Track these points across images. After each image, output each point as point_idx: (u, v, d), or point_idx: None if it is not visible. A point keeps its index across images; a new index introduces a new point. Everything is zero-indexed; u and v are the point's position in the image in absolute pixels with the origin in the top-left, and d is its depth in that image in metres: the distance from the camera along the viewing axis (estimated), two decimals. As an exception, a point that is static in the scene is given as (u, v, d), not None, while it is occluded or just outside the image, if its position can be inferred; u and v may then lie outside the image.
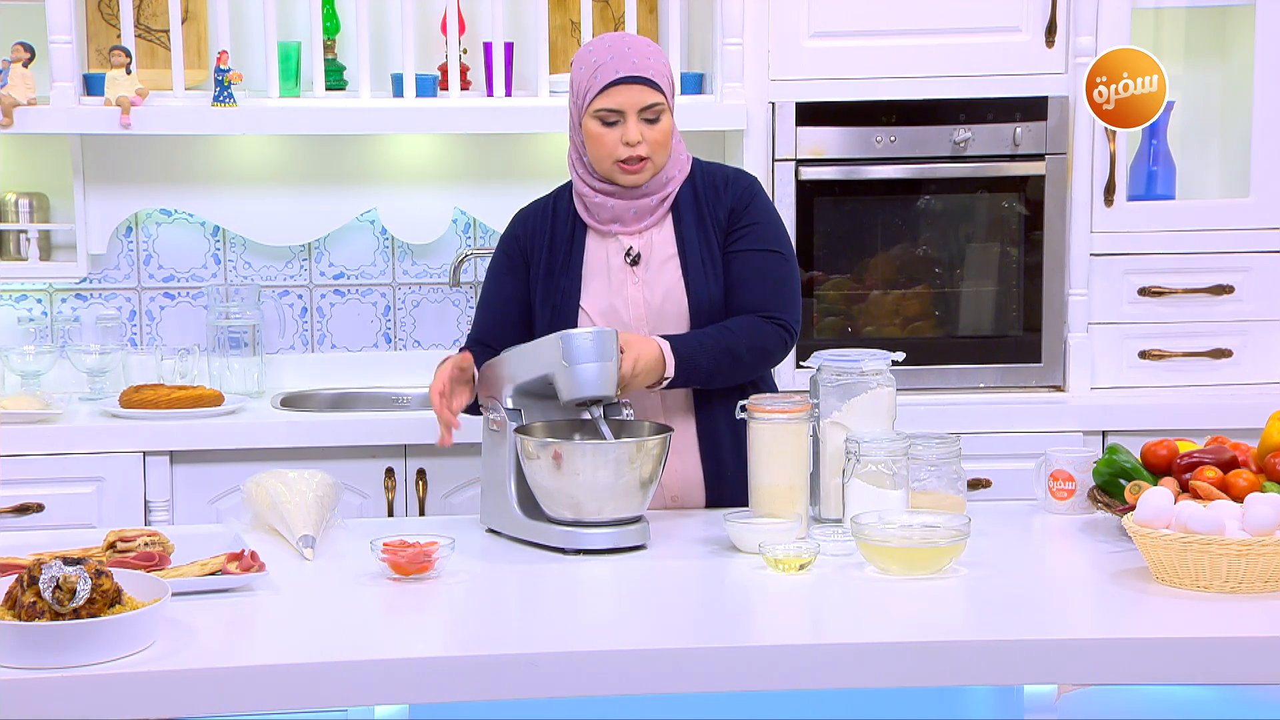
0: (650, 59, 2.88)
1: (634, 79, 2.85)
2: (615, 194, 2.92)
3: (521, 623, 2.34)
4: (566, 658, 2.16)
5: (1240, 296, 3.92)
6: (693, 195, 2.95)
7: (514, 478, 2.72)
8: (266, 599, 2.38)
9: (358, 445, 3.72)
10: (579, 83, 2.90)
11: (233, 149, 4.08)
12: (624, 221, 2.94)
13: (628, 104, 2.85)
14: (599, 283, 2.94)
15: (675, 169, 2.95)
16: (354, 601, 2.40)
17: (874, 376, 2.77)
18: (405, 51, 3.91)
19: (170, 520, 3.65)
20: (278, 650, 2.21)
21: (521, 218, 3.05)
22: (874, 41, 3.80)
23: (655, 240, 2.94)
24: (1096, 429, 3.78)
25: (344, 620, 2.33)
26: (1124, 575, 2.47)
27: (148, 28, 4.06)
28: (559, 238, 2.98)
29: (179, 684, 2.06)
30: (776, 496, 2.72)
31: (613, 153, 2.87)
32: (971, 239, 3.93)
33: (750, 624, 2.35)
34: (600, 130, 2.87)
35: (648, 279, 2.93)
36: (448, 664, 2.14)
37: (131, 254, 4.13)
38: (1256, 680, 2.24)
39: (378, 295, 4.22)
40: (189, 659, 2.11)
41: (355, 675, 2.12)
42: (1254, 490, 2.57)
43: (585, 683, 2.15)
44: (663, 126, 2.88)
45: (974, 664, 2.19)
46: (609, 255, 2.95)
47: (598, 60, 2.87)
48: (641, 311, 2.92)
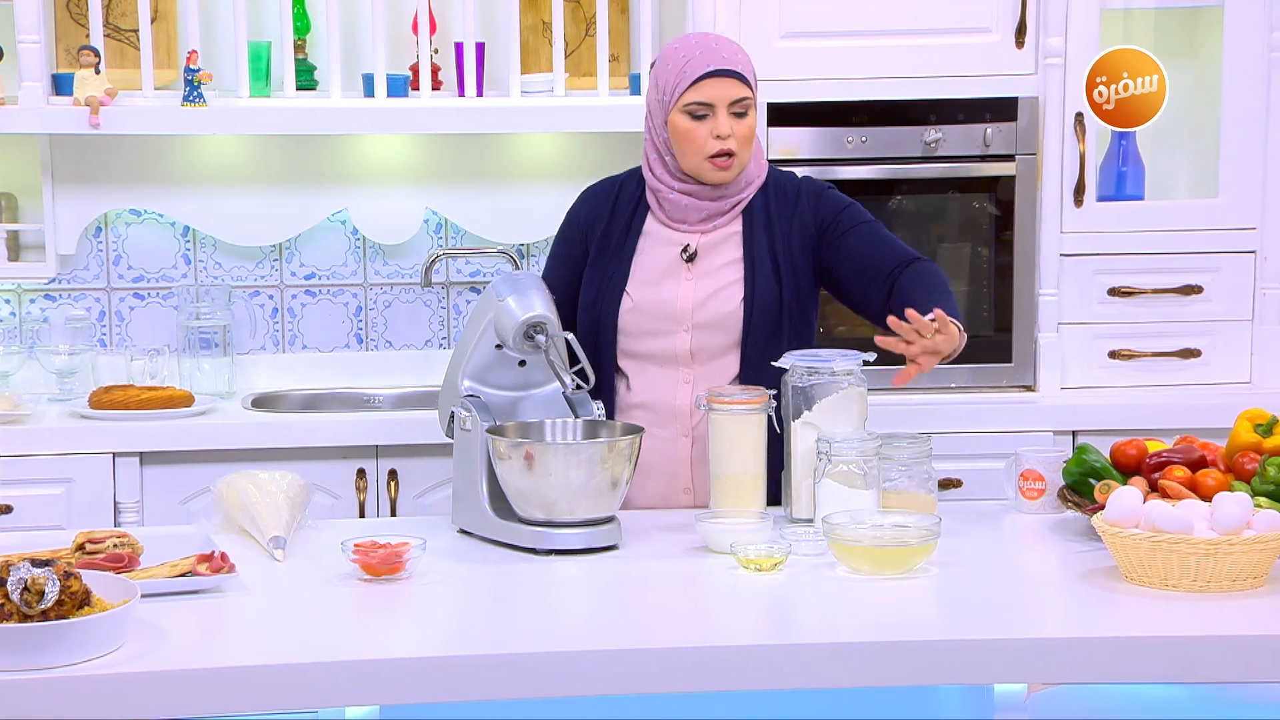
0: (738, 54, 2.92)
1: (725, 72, 2.88)
2: (694, 193, 2.94)
3: (493, 623, 2.34)
4: (538, 658, 2.16)
5: (1209, 297, 3.94)
6: (764, 201, 2.98)
7: (485, 478, 2.72)
8: (237, 600, 2.38)
9: (329, 446, 3.71)
10: (666, 79, 2.91)
11: (203, 149, 4.07)
12: (690, 221, 2.96)
13: (718, 97, 2.87)
14: (648, 272, 2.97)
15: (755, 173, 2.99)
16: (325, 602, 2.40)
17: (845, 377, 2.77)
18: (376, 51, 3.90)
19: (140, 521, 3.63)
20: (248, 651, 2.20)
21: (586, 197, 3.09)
22: (845, 42, 3.80)
23: (716, 241, 2.96)
24: (1067, 429, 3.80)
25: (315, 621, 2.33)
26: (1093, 574, 2.49)
27: (117, 27, 4.04)
28: (617, 222, 3.01)
29: (148, 686, 2.06)
30: (739, 486, 2.75)
31: (703, 148, 2.88)
32: (943, 239, 3.94)
33: (722, 624, 2.35)
34: (689, 125, 2.88)
35: (699, 277, 2.94)
36: (419, 665, 2.14)
37: (101, 254, 4.12)
38: (1224, 679, 2.25)
39: (349, 296, 4.21)
40: (159, 660, 2.10)
41: (326, 676, 2.11)
42: (1222, 490, 2.58)
43: (557, 683, 2.15)
44: (749, 122, 2.91)
45: (944, 663, 2.20)
46: (664, 248, 2.97)
47: (686, 55, 2.90)
48: (689, 307, 2.94)
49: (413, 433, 3.70)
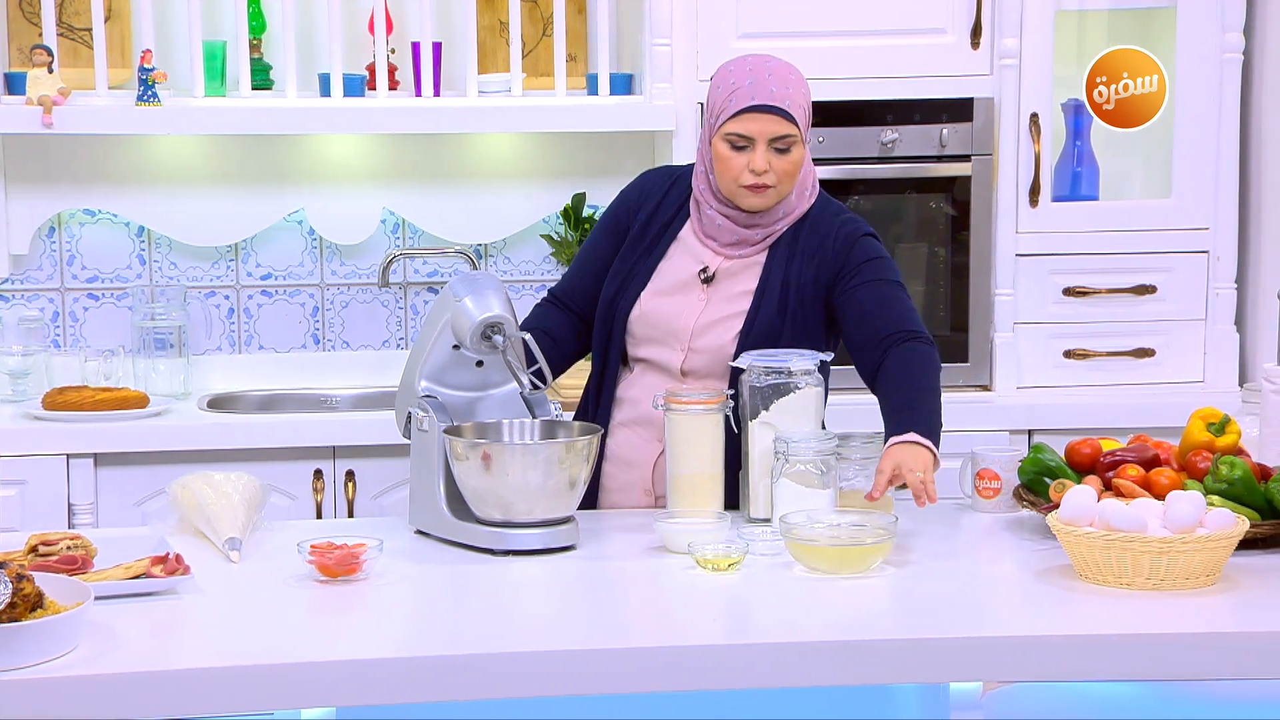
0: (789, 89, 2.84)
1: (768, 108, 2.83)
2: (731, 216, 2.91)
3: (450, 624, 2.33)
4: (495, 659, 2.15)
5: (1163, 296, 3.97)
6: (794, 235, 2.93)
7: (443, 479, 2.72)
8: (192, 602, 2.36)
9: (286, 447, 3.70)
10: (714, 102, 2.88)
11: (158, 149, 4.05)
12: (720, 241, 2.93)
13: (759, 132, 2.82)
14: (666, 282, 2.95)
15: (795, 207, 2.93)
16: (280, 604, 2.39)
17: (802, 376, 2.78)
18: (332, 51, 3.89)
19: (95, 523, 3.61)
20: (203, 654, 2.19)
21: (642, 181, 3.06)
22: (802, 43, 3.80)
23: (737, 269, 2.94)
24: (1022, 428, 3.82)
25: (270, 623, 2.31)
26: (1048, 573, 2.50)
27: (70, 26, 4.01)
28: (660, 215, 2.99)
29: (102, 688, 2.04)
30: (696, 486, 2.75)
31: (737, 177, 2.85)
32: (900, 239, 3.95)
33: (679, 624, 2.35)
34: (729, 154, 2.85)
35: (712, 300, 2.93)
36: (375, 666, 2.13)
37: (54, 254, 4.09)
38: (1177, 676, 2.27)
39: (306, 296, 4.19)
40: (112, 663, 2.09)
41: (281, 678, 2.10)
42: (1175, 488, 2.60)
43: (514, 684, 2.15)
44: (793, 157, 2.85)
45: (900, 662, 2.20)
46: (690, 261, 2.95)
47: (736, 83, 2.85)
48: (690, 326, 2.92)
49: (370, 433, 3.69)
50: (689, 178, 3.00)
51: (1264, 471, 2.68)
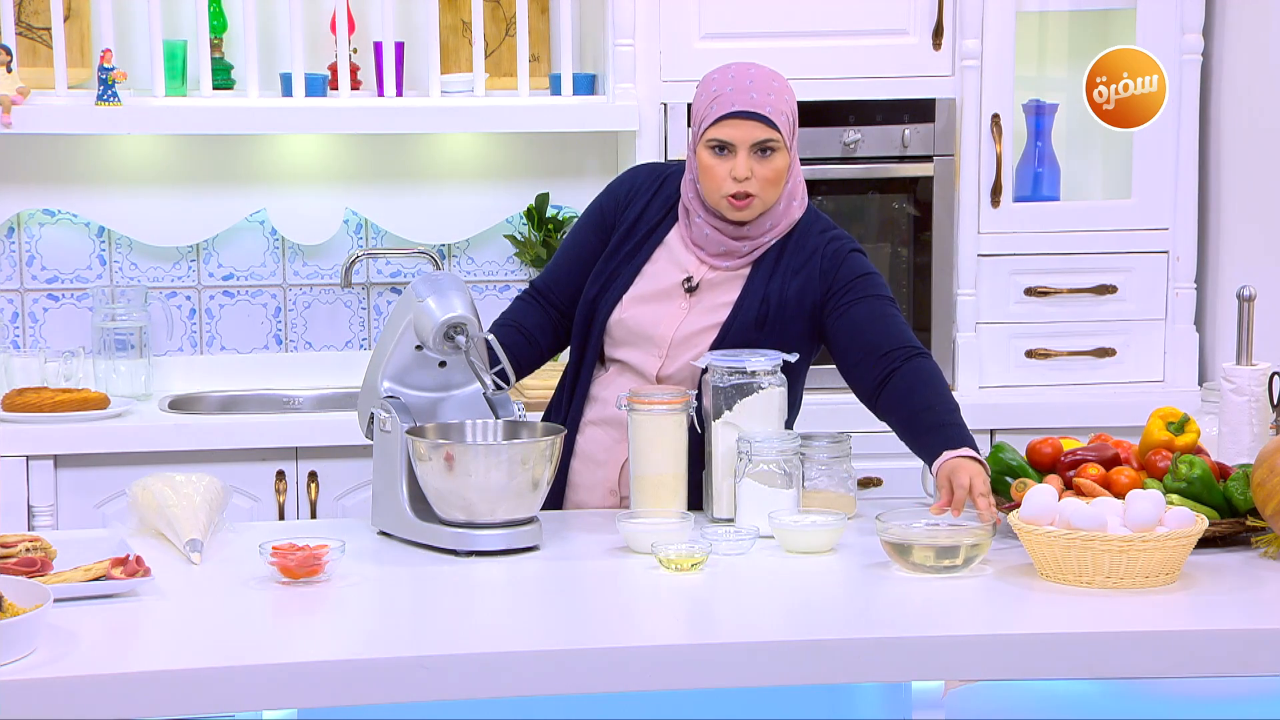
0: (771, 95, 2.84)
1: (749, 114, 2.81)
2: (719, 227, 2.89)
3: (412, 625, 2.33)
4: (458, 660, 2.15)
5: (1123, 296, 3.99)
6: (779, 251, 2.91)
7: (405, 479, 2.71)
8: (152, 604, 2.35)
9: (248, 448, 3.68)
10: (698, 110, 2.87)
11: (118, 149, 4.03)
12: (707, 250, 2.92)
13: (739, 138, 2.81)
14: (648, 288, 2.93)
15: (783, 217, 2.91)
16: (242, 606, 2.38)
17: (765, 376, 2.78)
18: (294, 50, 3.87)
19: (55, 525, 3.59)
20: (163, 656, 2.18)
21: (631, 177, 3.03)
22: (764, 43, 3.81)
23: (720, 280, 2.92)
24: (984, 427, 3.83)
25: (231, 625, 2.31)
26: (1009, 571, 2.51)
27: (29, 25, 3.99)
28: (645, 219, 2.97)
29: (61, 691, 2.03)
30: (660, 486, 2.75)
31: (720, 186, 2.83)
32: (863, 239, 3.96)
33: (641, 624, 2.35)
34: (711, 161, 2.83)
35: (693, 311, 2.92)
36: (337, 667, 2.13)
37: (14, 255, 4.06)
38: (1137, 675, 2.28)
39: (268, 296, 4.18)
40: (72, 666, 2.07)
41: (242, 680, 2.09)
42: (1135, 487, 2.62)
43: (477, 685, 2.14)
44: (775, 164, 2.83)
45: (862, 661, 2.21)
46: (673, 268, 2.94)
47: (717, 90, 2.84)
48: (668, 335, 2.91)
49: (333, 434, 3.68)
50: (678, 177, 2.99)
51: (1222, 470, 2.70)
